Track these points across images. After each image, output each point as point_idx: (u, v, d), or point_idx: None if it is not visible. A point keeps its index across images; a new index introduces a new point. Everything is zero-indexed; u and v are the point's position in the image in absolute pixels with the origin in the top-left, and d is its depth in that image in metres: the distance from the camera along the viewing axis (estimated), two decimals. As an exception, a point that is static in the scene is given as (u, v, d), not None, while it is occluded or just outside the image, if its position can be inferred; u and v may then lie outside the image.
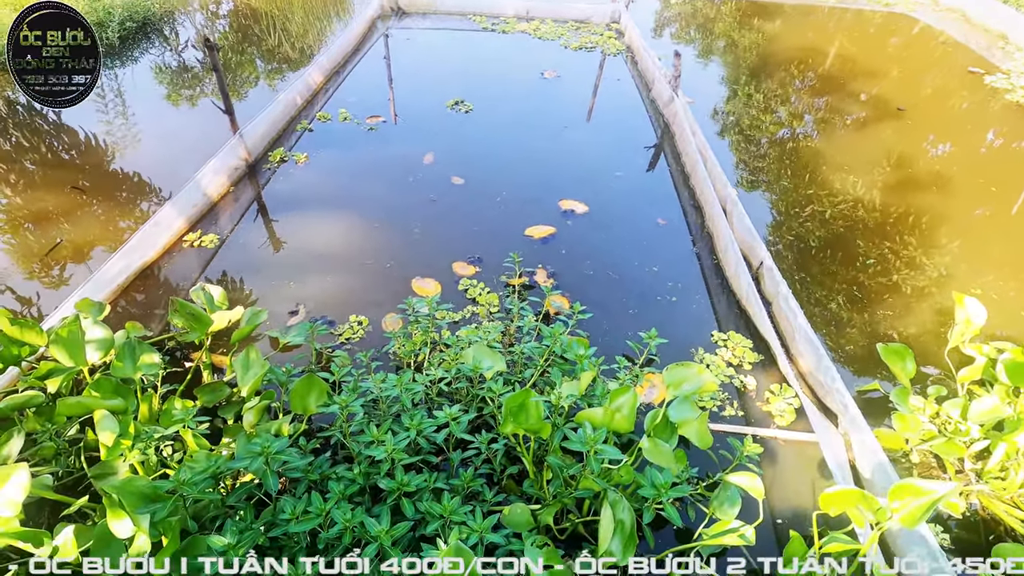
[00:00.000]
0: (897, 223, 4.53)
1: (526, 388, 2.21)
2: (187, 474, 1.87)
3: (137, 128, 5.55)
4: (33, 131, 5.38)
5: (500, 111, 6.15)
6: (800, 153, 5.52)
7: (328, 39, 8.46)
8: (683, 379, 2.31)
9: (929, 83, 7.46)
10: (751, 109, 6.42)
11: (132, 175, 4.74)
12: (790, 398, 3.07)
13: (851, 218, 4.57)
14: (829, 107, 6.49)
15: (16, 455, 2.29)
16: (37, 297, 3.58)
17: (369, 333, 3.37)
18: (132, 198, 4.49)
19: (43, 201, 4.35)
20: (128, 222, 4.19)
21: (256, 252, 3.98)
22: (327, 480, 2.20)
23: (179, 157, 5.05)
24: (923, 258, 4.16)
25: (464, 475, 2.20)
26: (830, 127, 6.07)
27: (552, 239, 4.19)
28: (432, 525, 1.94)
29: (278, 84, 6.72)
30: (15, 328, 2.45)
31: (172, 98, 6.20)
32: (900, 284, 3.94)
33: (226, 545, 1.74)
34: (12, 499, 1.87)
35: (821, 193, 4.87)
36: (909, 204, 4.76)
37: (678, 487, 2.01)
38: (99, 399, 2.24)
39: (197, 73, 6.85)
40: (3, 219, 4.20)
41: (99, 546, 1.91)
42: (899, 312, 3.72)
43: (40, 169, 4.83)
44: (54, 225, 4.11)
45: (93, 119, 5.59)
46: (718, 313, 3.69)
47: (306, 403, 2.40)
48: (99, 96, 6.05)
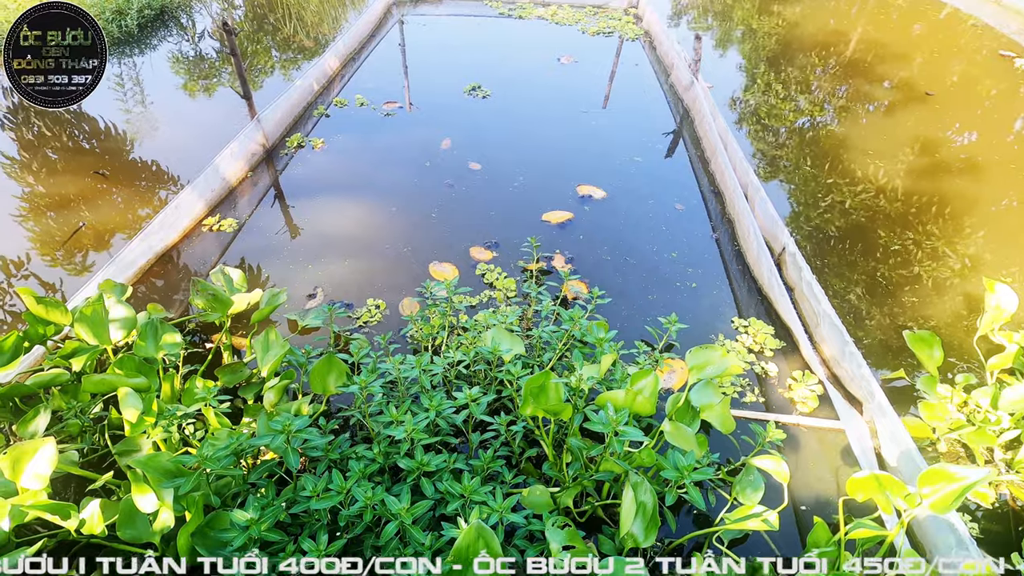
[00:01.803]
0: (924, 211, 4.42)
1: (546, 370, 2.19)
2: (209, 450, 1.88)
3: (155, 115, 5.58)
4: (55, 120, 5.44)
5: (517, 97, 6.09)
6: (823, 140, 5.40)
7: (343, 27, 8.43)
8: (707, 362, 2.28)
9: (958, 67, 7.25)
10: (770, 96, 6.29)
11: (151, 162, 4.77)
12: (813, 384, 3.02)
13: (875, 206, 4.46)
14: (855, 93, 6.34)
15: (42, 431, 2.33)
16: (60, 283, 3.62)
17: (386, 316, 3.37)
18: (151, 184, 4.53)
19: (66, 187, 4.40)
20: (147, 208, 4.22)
21: (274, 236, 3.99)
22: (347, 459, 2.20)
23: (196, 143, 5.09)
24: (949, 246, 4.06)
25: (484, 456, 2.19)
26: (855, 114, 5.93)
27: (570, 224, 4.15)
28: (452, 504, 1.94)
29: (293, 73, 6.72)
30: (41, 307, 2.48)
31: (189, 86, 6.23)
32: (925, 273, 3.84)
33: (249, 520, 1.75)
34: (40, 472, 1.90)
35: (843, 181, 4.76)
36: (937, 191, 4.65)
37: (700, 470, 1.98)
38: (123, 377, 2.26)
39: (213, 61, 6.87)
40: (27, 205, 4.25)
41: (124, 520, 1.93)
42: (923, 300, 3.64)
43: (62, 156, 4.88)
44: (76, 210, 4.15)
45: (112, 107, 5.63)
46: (738, 299, 3.63)
47: (326, 384, 2.41)
48: (119, 84, 6.10)
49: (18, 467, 1.88)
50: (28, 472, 1.89)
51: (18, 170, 4.66)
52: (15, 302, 3.47)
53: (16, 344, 2.44)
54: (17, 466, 1.88)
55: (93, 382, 2.18)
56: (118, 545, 2.02)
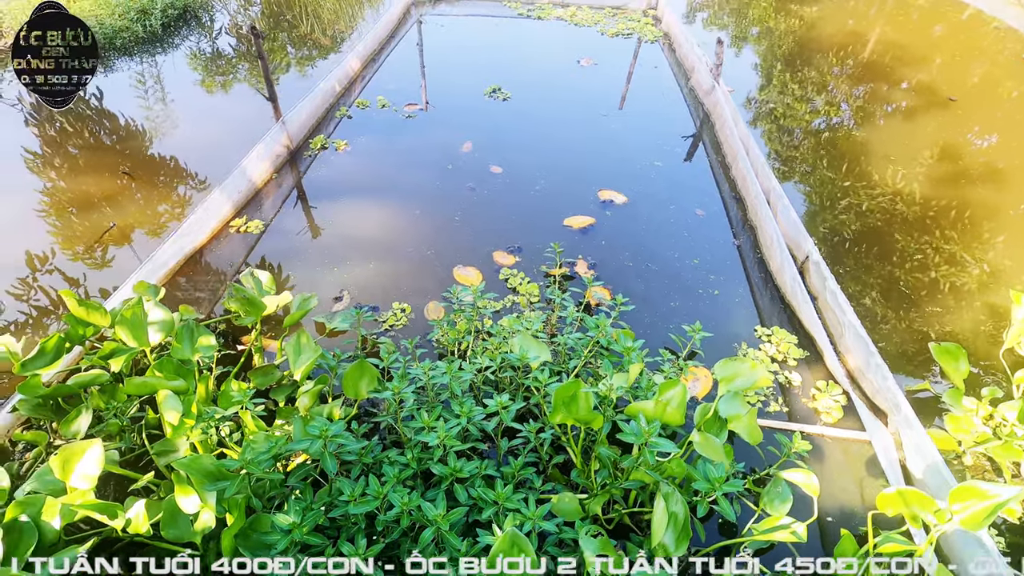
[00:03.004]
0: (946, 217, 4.40)
1: (576, 380, 2.22)
2: (250, 454, 1.93)
3: (178, 114, 5.66)
4: (78, 118, 5.53)
5: (537, 99, 6.11)
6: (842, 143, 5.38)
7: (359, 25, 8.49)
8: (736, 374, 2.30)
9: (981, 71, 7.18)
10: (787, 96, 6.26)
11: (170, 160, 4.85)
12: (837, 395, 3.02)
13: (895, 212, 4.45)
14: (874, 96, 6.30)
15: (84, 431, 2.40)
16: (83, 278, 3.69)
17: (412, 320, 3.41)
18: (173, 182, 4.60)
19: (93, 185, 4.48)
20: (170, 207, 4.30)
21: (299, 238, 4.04)
22: (379, 463, 2.24)
23: (219, 142, 5.16)
24: (971, 254, 4.04)
25: (514, 463, 2.22)
26: (875, 118, 5.89)
27: (591, 229, 4.18)
28: (487, 511, 1.97)
29: (309, 71, 6.81)
30: (82, 309, 2.55)
31: (210, 85, 6.30)
32: (943, 278, 3.83)
33: (291, 524, 1.80)
34: (88, 473, 1.96)
35: (860, 185, 4.74)
36: (958, 197, 4.62)
37: (731, 482, 2.01)
38: (162, 380, 2.31)
39: (231, 60, 6.94)
40: (54, 201, 4.33)
41: (168, 520, 1.99)
42: (943, 309, 3.63)
43: (87, 154, 4.96)
44: (104, 208, 4.23)
45: (137, 105, 5.72)
46: (760, 307, 3.64)
47: (358, 388, 2.45)
48: (139, 82, 6.19)
49: (68, 467, 1.94)
50: (77, 472, 1.95)
51: (41, 166, 4.75)
52: (39, 296, 3.55)
53: (58, 345, 2.51)
54: (67, 466, 1.94)
55: (135, 384, 2.23)
56: (160, 544, 2.08)
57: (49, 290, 3.60)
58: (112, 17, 6.81)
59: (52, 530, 1.84)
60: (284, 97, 4.77)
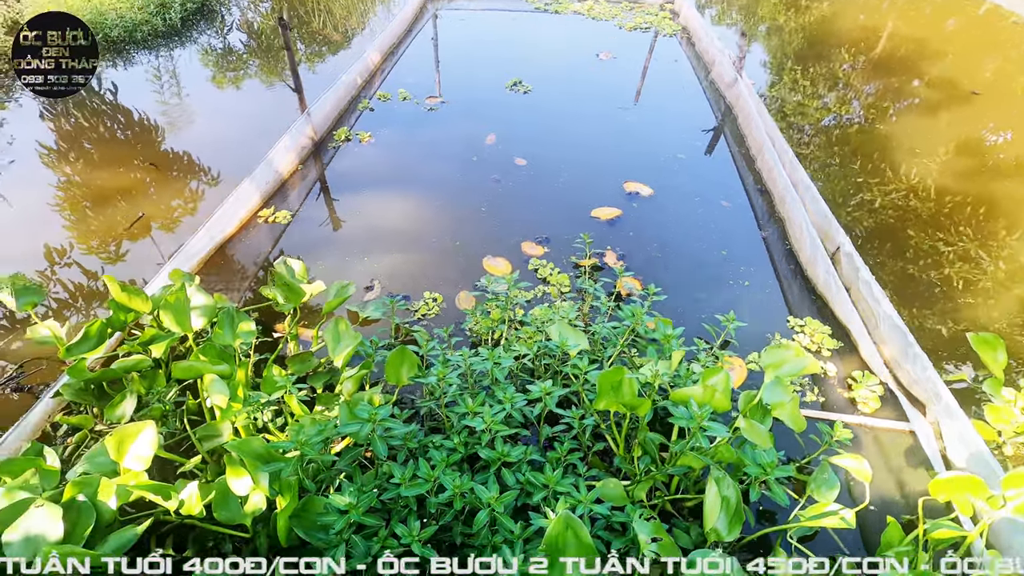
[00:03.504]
0: (977, 210, 4.37)
1: (619, 366, 2.22)
2: (304, 436, 1.94)
3: (199, 107, 5.68)
4: (93, 112, 5.56)
5: (558, 92, 6.10)
6: (866, 138, 5.35)
7: (370, 21, 8.50)
8: (782, 360, 2.29)
9: (1002, 66, 7.12)
10: (799, 92, 6.23)
11: (184, 154, 4.86)
12: (873, 385, 3.01)
13: (922, 206, 4.42)
14: (895, 91, 6.26)
15: (129, 415, 2.42)
16: (101, 269, 3.71)
17: (444, 310, 3.41)
18: (198, 176, 4.62)
19: (121, 178, 4.51)
20: (194, 198, 4.31)
21: (326, 228, 4.05)
22: (424, 448, 2.25)
23: (238, 136, 5.18)
24: (1004, 248, 4.01)
25: (560, 448, 2.23)
26: (899, 112, 5.86)
27: (619, 221, 4.17)
28: (538, 495, 1.98)
29: (319, 66, 6.81)
30: (124, 295, 2.56)
31: (227, 80, 6.32)
32: (973, 274, 3.80)
33: (348, 505, 1.81)
34: (142, 454, 1.97)
35: (880, 180, 4.71)
36: (993, 191, 4.59)
37: (784, 467, 2.00)
38: (207, 364, 2.32)
39: (241, 55, 6.96)
40: (84, 196, 4.36)
41: (219, 502, 2.00)
42: (979, 302, 3.60)
43: (110, 148, 4.99)
44: (134, 200, 4.25)
45: (153, 97, 5.74)
46: (788, 298, 3.62)
47: (399, 374, 2.46)
48: (155, 76, 6.22)
49: (122, 448, 1.96)
50: (131, 454, 1.97)
51: (57, 160, 4.77)
52: (57, 290, 3.57)
53: (101, 330, 2.53)
54: (121, 447, 1.96)
55: (182, 368, 2.25)
56: (209, 526, 2.09)
57: (73, 279, 3.62)
58: (132, 11, 6.83)
59: (109, 510, 1.85)
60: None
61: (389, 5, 9.76)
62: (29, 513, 1.75)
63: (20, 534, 1.71)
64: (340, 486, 2.19)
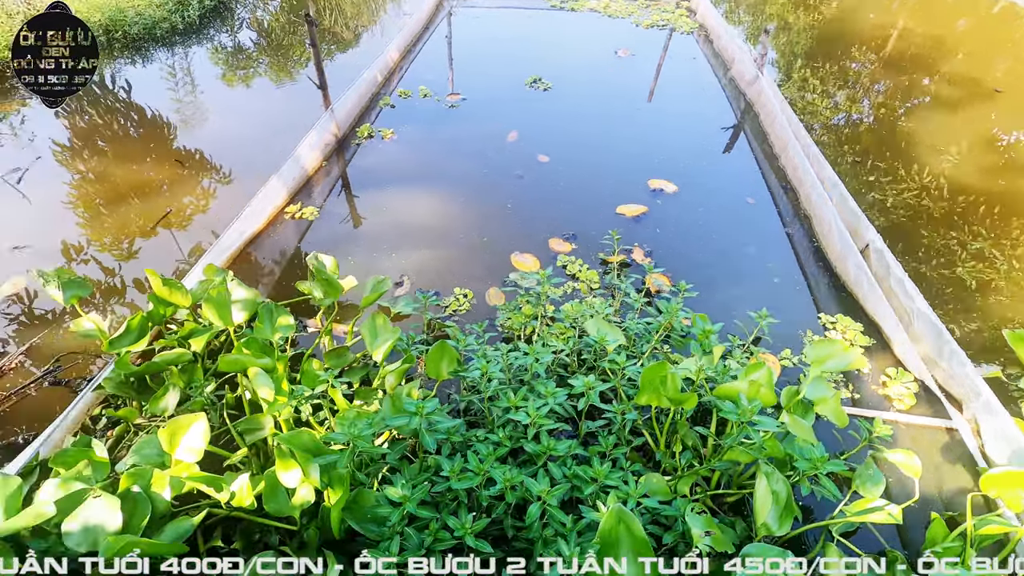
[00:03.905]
0: (1004, 209, 4.35)
1: (662, 361, 2.22)
2: (355, 429, 1.95)
3: (220, 105, 5.70)
4: (111, 110, 5.59)
5: (578, 89, 6.09)
6: (889, 135, 5.33)
7: (381, 18, 8.52)
8: (828, 355, 2.28)
9: (1011, 66, 7.08)
10: (810, 91, 6.21)
11: (196, 151, 4.88)
12: (908, 382, 3.00)
13: (946, 205, 4.40)
14: (914, 89, 6.23)
15: (172, 408, 2.43)
16: (116, 267, 3.73)
17: (474, 305, 3.41)
18: (218, 172, 4.64)
19: (149, 174, 4.53)
20: (216, 193, 4.33)
21: (353, 224, 4.06)
22: (467, 442, 2.25)
23: (254, 133, 5.20)
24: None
25: (605, 442, 2.23)
26: (921, 109, 5.83)
27: (644, 218, 4.16)
28: (588, 488, 1.98)
29: (327, 64, 6.82)
30: (165, 289, 2.57)
31: (248, 77, 6.35)
32: (994, 272, 3.79)
33: (402, 497, 1.81)
34: (194, 446, 1.98)
35: (911, 177, 4.70)
36: (1013, 188, 4.57)
37: (834, 461, 2.00)
38: (251, 357, 2.33)
39: (259, 53, 6.98)
40: (110, 192, 4.38)
41: (268, 494, 2.01)
42: (1008, 299, 3.59)
43: (124, 145, 5.02)
44: (158, 195, 4.27)
45: (170, 96, 5.77)
46: (816, 295, 3.62)
47: (439, 369, 2.47)
48: (170, 74, 6.25)
49: (174, 440, 1.97)
50: (183, 446, 1.98)
51: (75, 158, 4.80)
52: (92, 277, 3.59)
53: (142, 324, 2.54)
54: (174, 439, 1.97)
55: (228, 361, 2.25)
56: (257, 518, 2.10)
57: (101, 274, 3.64)
58: (150, 8, 6.86)
59: (163, 501, 1.87)
60: (307, 90, 4.69)
61: (400, 3, 9.78)
62: (87, 503, 1.76)
63: (79, 523, 1.73)
64: (384, 479, 2.20)
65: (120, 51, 6.58)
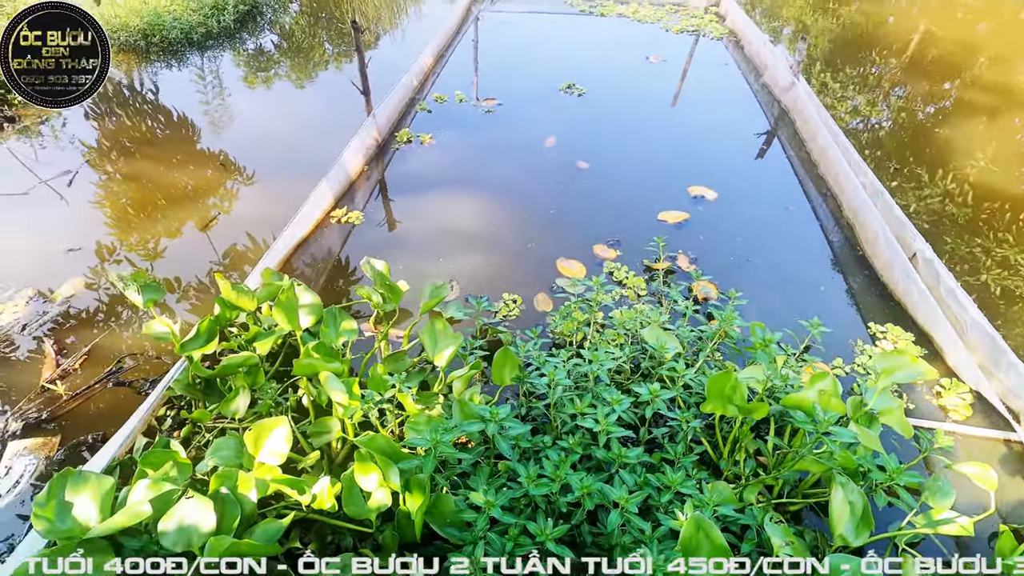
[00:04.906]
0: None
1: (728, 371, 2.24)
2: (435, 434, 1.98)
3: (262, 108, 5.79)
4: (144, 113, 5.69)
5: (611, 95, 6.12)
6: (925, 142, 5.30)
7: (403, 22, 8.66)
8: (896, 367, 2.29)
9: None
10: (851, 97, 6.19)
11: (231, 155, 4.96)
12: (963, 393, 2.99)
13: (984, 215, 4.38)
14: (956, 98, 6.20)
15: (243, 410, 2.48)
16: (151, 268, 3.80)
17: (524, 311, 3.44)
18: (261, 175, 4.71)
19: (193, 178, 4.61)
20: (257, 194, 4.41)
21: (397, 229, 4.11)
22: (536, 449, 2.28)
23: (293, 135, 5.27)
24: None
25: (674, 449, 2.25)
26: (958, 118, 5.80)
27: (687, 224, 4.17)
28: (665, 496, 2.00)
29: (345, 64, 6.96)
30: (233, 293, 2.63)
31: (292, 77, 6.44)
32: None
33: (485, 502, 1.84)
34: (277, 450, 2.03)
35: (950, 183, 4.68)
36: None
37: (910, 472, 2.01)
38: (322, 362, 2.38)
39: (296, 56, 7.07)
40: (163, 197, 4.47)
41: (347, 497, 2.05)
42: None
43: (159, 148, 5.11)
44: (197, 199, 4.35)
45: (206, 99, 5.86)
46: (860, 303, 3.61)
47: (503, 375, 2.50)
48: (200, 78, 6.35)
49: (259, 443, 2.02)
50: (266, 448, 2.02)
51: (111, 161, 4.90)
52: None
53: (211, 327, 2.60)
54: (258, 442, 2.02)
55: (302, 366, 2.30)
56: (336, 521, 2.14)
57: (172, 275, 3.72)
58: (187, 12, 6.97)
59: (250, 503, 1.91)
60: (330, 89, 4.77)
61: (421, 7, 9.87)
62: (181, 504, 1.81)
63: (174, 524, 1.77)
64: (454, 484, 2.23)
65: (158, 55, 6.69)
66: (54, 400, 2.89)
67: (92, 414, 2.85)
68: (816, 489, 2.43)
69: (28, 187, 4.47)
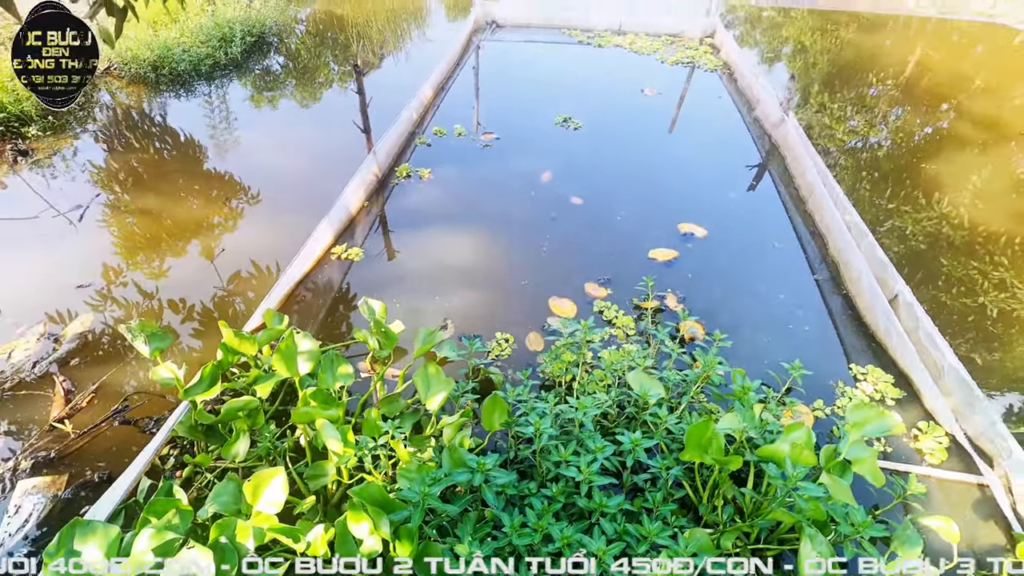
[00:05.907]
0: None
1: (707, 420, 2.34)
2: (423, 485, 2.09)
3: (270, 140, 5.97)
4: (151, 138, 5.87)
5: (607, 129, 6.28)
6: (914, 176, 5.44)
7: (405, 45, 8.93)
8: (866, 420, 2.39)
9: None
10: (836, 128, 6.33)
11: (237, 182, 5.12)
12: (939, 436, 3.09)
13: (970, 250, 4.49)
14: (947, 131, 6.34)
15: (243, 454, 2.60)
16: (156, 289, 3.94)
17: (515, 351, 3.56)
18: (267, 212, 4.87)
19: (200, 208, 4.77)
20: (258, 224, 4.56)
21: (396, 265, 4.25)
22: (520, 496, 2.38)
23: (296, 170, 5.43)
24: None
25: (653, 497, 2.35)
26: (949, 151, 5.94)
27: (676, 263, 4.30)
28: (642, 546, 2.10)
29: (350, 86, 7.23)
30: (236, 340, 2.76)
31: (297, 106, 6.63)
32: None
33: (469, 554, 1.95)
34: (275, 499, 2.14)
35: (946, 219, 4.80)
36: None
37: (875, 526, 2.10)
38: (318, 409, 2.49)
39: (299, 86, 7.28)
40: (173, 231, 4.62)
41: (340, 544, 2.15)
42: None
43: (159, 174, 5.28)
44: (204, 229, 4.51)
45: (218, 131, 6.04)
46: (845, 344, 3.72)
47: (492, 421, 2.61)
48: (206, 104, 6.56)
49: (257, 493, 2.13)
50: (265, 498, 2.13)
51: (104, 177, 5.06)
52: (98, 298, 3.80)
53: (214, 372, 2.72)
54: (256, 492, 2.13)
55: (300, 414, 2.42)
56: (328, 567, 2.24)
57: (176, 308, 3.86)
58: (196, 45, 7.19)
59: (246, 550, 2.02)
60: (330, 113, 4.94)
61: (424, 31, 10.12)
62: (182, 555, 1.92)
63: (176, 573, 1.88)
64: (441, 530, 2.33)
65: (167, 86, 6.90)
66: (62, 438, 3.01)
67: (98, 452, 2.97)
68: (792, 535, 2.52)
69: (39, 211, 4.66)
